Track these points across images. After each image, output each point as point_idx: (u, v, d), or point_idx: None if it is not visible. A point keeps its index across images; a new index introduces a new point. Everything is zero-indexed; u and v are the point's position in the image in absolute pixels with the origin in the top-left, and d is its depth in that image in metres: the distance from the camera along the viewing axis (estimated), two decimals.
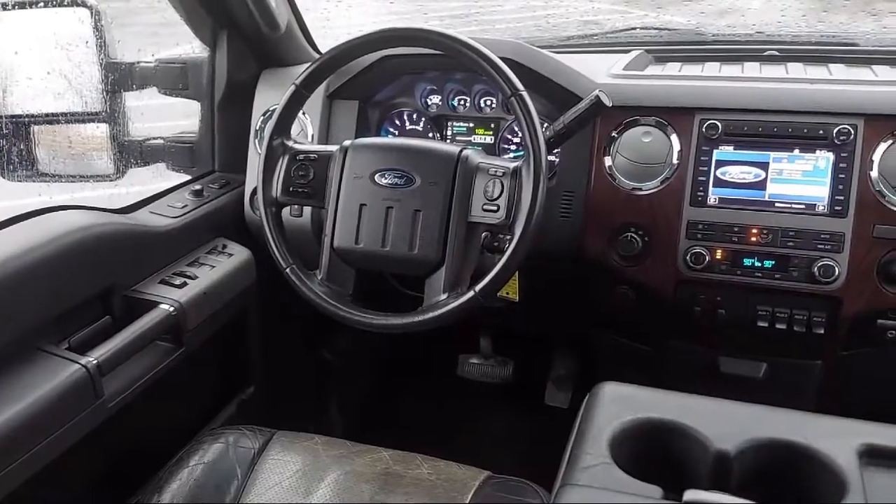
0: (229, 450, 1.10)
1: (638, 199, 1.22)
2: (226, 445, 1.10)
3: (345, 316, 1.09)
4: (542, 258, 1.27)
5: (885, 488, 0.73)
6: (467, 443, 1.84)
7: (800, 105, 1.15)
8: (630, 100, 1.22)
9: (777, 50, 1.40)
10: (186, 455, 1.09)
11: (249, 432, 1.13)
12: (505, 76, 1.05)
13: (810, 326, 1.16)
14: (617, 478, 0.74)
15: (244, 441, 1.11)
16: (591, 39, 1.62)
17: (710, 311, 1.22)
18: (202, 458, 1.08)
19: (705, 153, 1.18)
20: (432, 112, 1.45)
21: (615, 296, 1.29)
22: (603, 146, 1.25)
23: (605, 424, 0.82)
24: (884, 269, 1.10)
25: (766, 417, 0.82)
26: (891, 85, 1.16)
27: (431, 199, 1.07)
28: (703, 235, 1.18)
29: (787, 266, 1.14)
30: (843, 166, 1.12)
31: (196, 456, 1.08)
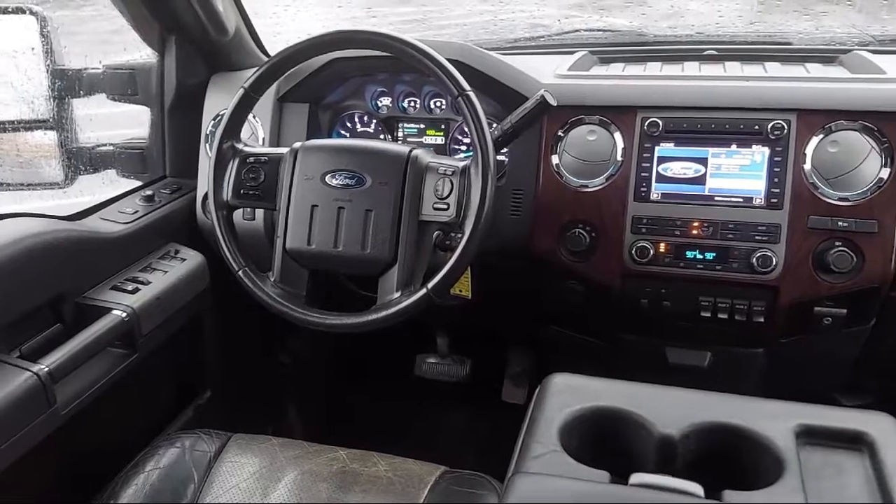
0: (185, 454, 1.09)
1: (585, 196, 1.25)
2: (182, 449, 1.10)
3: (298, 317, 1.10)
4: (494, 255, 1.29)
5: (819, 466, 0.77)
6: (426, 441, 1.86)
7: (736, 102, 1.19)
8: (575, 99, 1.25)
9: (716, 49, 1.45)
10: (142, 460, 1.08)
11: (206, 436, 1.13)
12: (452, 77, 1.07)
13: (751, 315, 1.20)
14: (566, 464, 0.77)
15: (200, 445, 1.11)
16: (538, 41, 1.65)
17: (655, 303, 1.25)
18: (158, 462, 1.07)
19: (647, 150, 1.22)
20: (383, 114, 1.47)
21: (565, 291, 1.32)
22: (550, 145, 1.28)
23: (554, 414, 0.84)
24: (818, 258, 1.15)
25: (708, 402, 0.85)
26: (822, 81, 1.21)
27: (382, 199, 1.09)
28: (647, 230, 1.22)
29: (727, 257, 1.19)
30: (777, 160, 1.16)
31: (152, 461, 1.08)
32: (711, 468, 0.78)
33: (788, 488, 0.72)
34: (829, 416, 0.83)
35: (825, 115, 1.15)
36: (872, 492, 0.74)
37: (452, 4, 2.09)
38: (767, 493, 0.72)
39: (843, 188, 1.14)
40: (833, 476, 0.76)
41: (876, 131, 1.13)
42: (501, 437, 0.89)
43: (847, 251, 1.13)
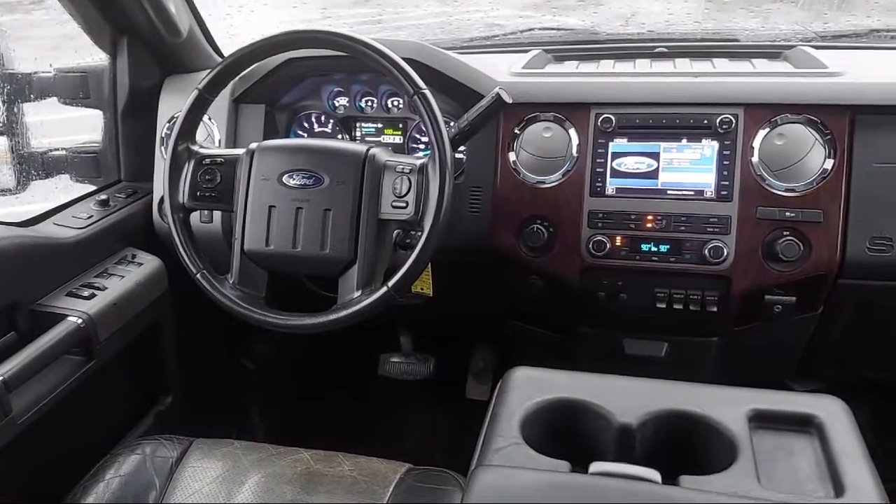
0: (146, 460, 1.08)
1: (542, 192, 1.27)
2: (143, 456, 1.09)
3: (258, 318, 1.09)
4: (455, 253, 1.30)
5: (771, 448, 0.80)
6: (391, 440, 1.86)
7: (686, 97, 1.22)
8: (530, 97, 1.27)
9: (666, 47, 1.48)
10: (102, 469, 1.07)
11: (167, 442, 1.12)
12: (407, 75, 1.07)
13: (704, 305, 1.23)
14: (528, 456, 0.78)
15: (162, 451, 1.10)
16: (493, 40, 1.67)
17: (613, 295, 1.28)
18: (118, 470, 1.06)
19: (601, 146, 1.24)
20: (340, 114, 1.47)
21: (525, 286, 1.34)
22: (507, 142, 1.29)
23: (516, 407, 0.86)
24: (767, 247, 1.18)
25: (665, 391, 0.87)
26: (768, 76, 1.25)
27: (340, 199, 1.09)
28: (603, 224, 1.24)
29: (680, 249, 1.21)
30: (726, 153, 1.19)
31: (112, 469, 1.06)
32: (669, 454, 0.81)
33: (742, 471, 0.75)
34: (780, 401, 0.86)
35: (771, 108, 1.18)
36: (822, 472, 0.76)
37: (409, 6, 2.10)
38: (722, 477, 0.74)
39: (789, 179, 1.18)
40: (785, 458, 0.79)
41: (819, 124, 1.17)
42: (466, 434, 0.90)
43: (794, 240, 1.16)
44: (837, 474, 0.74)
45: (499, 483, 0.74)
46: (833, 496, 0.72)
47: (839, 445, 0.78)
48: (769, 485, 0.74)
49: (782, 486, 0.74)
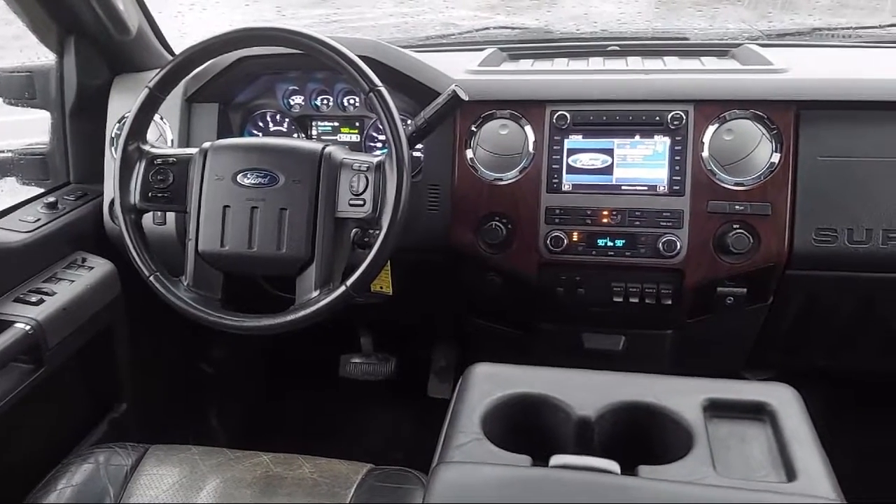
0: (100, 469, 1.05)
1: (500, 189, 1.28)
2: (96, 465, 1.06)
3: (213, 321, 1.08)
4: (414, 251, 1.30)
5: (726, 436, 0.81)
6: (353, 441, 1.86)
7: (638, 94, 1.24)
8: (486, 94, 1.28)
9: (618, 45, 1.50)
10: (53, 479, 1.04)
11: (121, 450, 1.09)
12: (363, 73, 1.07)
13: (659, 298, 1.25)
14: (488, 451, 0.78)
15: (116, 459, 1.07)
16: (449, 39, 1.68)
17: (571, 290, 1.29)
18: (70, 480, 1.03)
19: (557, 142, 1.26)
20: (295, 112, 1.45)
21: (485, 283, 1.34)
22: (464, 140, 1.30)
23: (477, 403, 0.86)
24: (718, 241, 1.21)
25: (622, 383, 0.89)
26: (716, 73, 1.28)
27: (297, 197, 1.08)
28: (560, 220, 1.25)
29: (635, 244, 1.23)
30: (678, 149, 1.22)
31: (63, 479, 1.03)
32: (627, 445, 0.82)
33: (698, 459, 0.76)
34: (733, 390, 0.88)
35: (719, 105, 1.21)
36: (774, 458, 0.78)
37: (366, 6, 2.10)
38: (679, 466, 0.76)
39: (738, 174, 1.21)
40: (739, 445, 0.81)
41: (766, 119, 1.20)
42: (429, 432, 0.90)
43: (744, 233, 1.19)
44: (789, 460, 0.76)
45: (460, 479, 0.74)
46: (785, 481, 0.74)
47: (790, 431, 0.80)
48: (724, 472, 0.75)
49: (737, 473, 0.76)
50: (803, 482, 0.73)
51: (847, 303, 1.29)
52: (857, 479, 1.19)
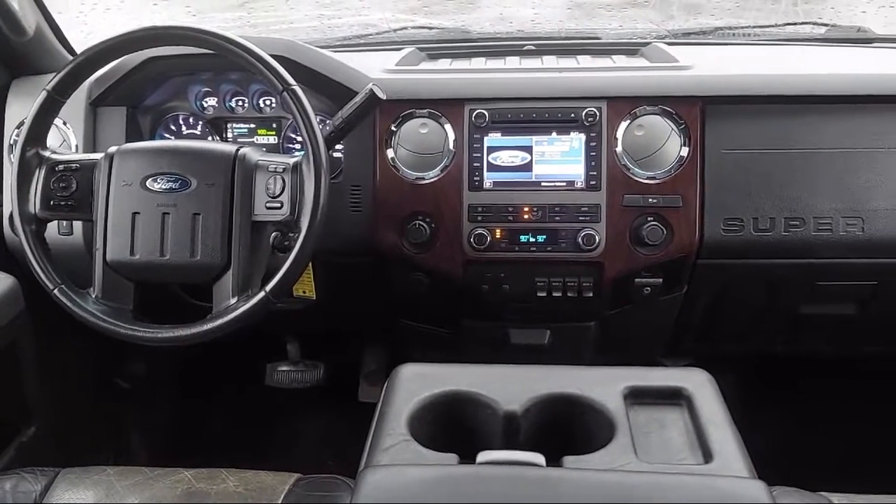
0: (6, 497, 0.99)
1: (422, 188, 1.28)
2: (2, 493, 0.99)
3: (125, 333, 1.03)
4: (337, 253, 1.29)
5: (646, 422, 0.84)
6: (284, 451, 1.82)
7: (553, 92, 1.26)
8: (404, 93, 1.27)
9: (534, 45, 1.52)
10: None
11: (30, 475, 1.03)
12: (276, 72, 1.05)
13: (581, 291, 1.28)
14: (416, 452, 0.78)
15: (24, 485, 1.01)
16: (367, 39, 1.66)
17: (495, 287, 1.30)
18: None
19: (477, 140, 1.26)
20: (209, 115, 1.41)
21: (410, 283, 1.34)
22: (384, 139, 1.29)
23: (403, 404, 0.86)
24: (634, 233, 1.24)
25: (546, 376, 0.90)
26: (626, 71, 1.32)
27: (210, 202, 1.04)
28: (482, 217, 1.26)
29: (556, 239, 1.25)
30: (593, 145, 1.24)
31: None
32: (553, 437, 0.83)
33: (620, 446, 0.78)
34: (651, 377, 0.90)
35: (630, 101, 1.24)
36: (692, 440, 0.81)
37: (284, 9, 2.07)
38: (602, 454, 0.77)
39: (650, 168, 1.24)
40: (658, 430, 0.83)
41: (674, 114, 1.24)
42: (360, 438, 0.89)
43: (658, 225, 1.23)
44: (705, 442, 0.79)
45: (386, 482, 0.74)
46: (702, 462, 0.77)
47: (706, 415, 0.83)
48: (645, 457, 0.77)
49: (657, 457, 0.78)
50: (719, 462, 0.76)
51: (754, 289, 1.35)
52: (770, 456, 1.25)
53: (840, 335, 1.46)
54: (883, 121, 1.23)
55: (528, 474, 0.74)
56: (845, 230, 1.22)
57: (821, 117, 1.24)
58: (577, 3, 1.88)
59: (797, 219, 1.23)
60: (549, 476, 0.74)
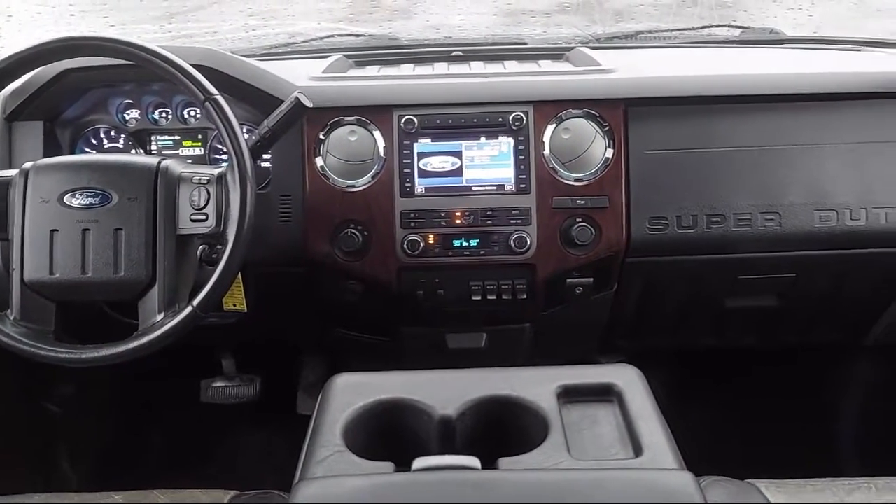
0: None
1: (353, 196, 1.27)
2: None
3: (48, 356, 1.00)
4: (268, 264, 1.27)
5: (579, 420, 0.85)
6: (222, 468, 1.78)
7: (481, 97, 1.28)
8: (331, 101, 1.27)
9: (462, 51, 1.54)
10: None
11: None
12: (196, 82, 1.03)
13: (515, 293, 1.29)
14: (351, 462, 0.77)
15: None
16: (293, 47, 1.65)
17: (431, 293, 1.30)
18: None
19: (407, 147, 1.27)
20: (132, 127, 1.37)
21: (345, 293, 1.33)
22: (312, 148, 1.28)
23: (337, 415, 0.85)
24: (564, 234, 1.27)
25: (481, 379, 0.90)
26: (551, 75, 1.34)
27: (133, 216, 1.02)
28: (415, 223, 1.26)
29: (489, 242, 1.27)
30: (521, 148, 1.26)
31: None
32: (489, 440, 0.83)
33: (554, 445, 0.79)
34: (583, 375, 0.91)
35: (556, 105, 1.27)
36: (623, 435, 0.83)
37: (216, 21, 2.03)
38: (537, 454, 0.78)
39: (577, 170, 1.27)
40: (590, 427, 0.84)
41: (598, 117, 1.27)
42: (299, 451, 0.88)
43: (587, 226, 1.25)
44: (636, 436, 0.80)
45: (320, 494, 0.73)
46: (633, 456, 0.79)
47: (635, 409, 0.84)
48: (578, 454, 0.78)
49: (589, 454, 0.79)
50: (649, 456, 0.77)
51: (680, 285, 1.39)
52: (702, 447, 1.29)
53: (763, 326, 1.51)
54: (796, 118, 1.29)
55: (463, 478, 0.74)
56: (763, 225, 1.27)
57: (737, 116, 1.29)
58: (505, 11, 1.91)
59: (718, 215, 1.27)
60: (483, 479, 0.74)
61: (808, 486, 0.95)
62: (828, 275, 1.36)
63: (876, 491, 0.92)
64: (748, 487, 0.94)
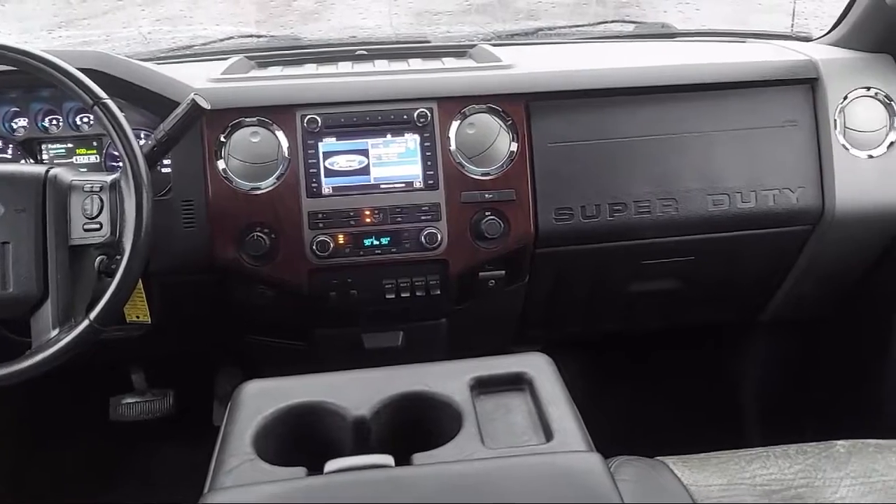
0: None
1: (258, 199, 1.25)
2: None
3: None
4: (173, 273, 1.23)
5: (492, 410, 0.86)
6: (138, 487, 1.71)
7: (385, 94, 1.27)
8: (231, 102, 1.24)
9: (366, 50, 1.53)
10: None
11: None
12: (84, 86, 0.99)
13: (429, 290, 1.30)
14: (262, 470, 0.76)
15: None
16: (193, 50, 1.60)
17: (343, 293, 1.29)
18: None
19: (311, 146, 1.25)
20: (19, 136, 1.30)
21: (255, 298, 1.30)
22: (213, 151, 1.25)
23: (247, 423, 0.83)
24: (474, 228, 1.28)
25: (395, 376, 0.90)
26: (454, 72, 1.35)
27: (20, 228, 0.97)
28: (324, 224, 1.25)
29: (400, 240, 1.27)
30: (427, 145, 1.27)
31: None
32: (404, 437, 0.83)
33: (467, 437, 0.79)
34: (496, 365, 0.93)
35: (459, 101, 1.28)
36: (534, 422, 0.84)
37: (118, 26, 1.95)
38: (450, 447, 0.78)
39: (484, 164, 1.28)
40: (503, 416, 0.86)
41: (501, 111, 1.29)
42: None
43: (496, 219, 1.27)
44: (546, 422, 0.82)
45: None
46: (544, 441, 0.80)
47: (546, 396, 0.86)
48: (492, 443, 0.79)
49: (503, 442, 0.80)
50: (559, 439, 0.79)
51: (588, 273, 1.43)
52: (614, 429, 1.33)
53: (667, 309, 1.57)
54: (687, 107, 1.35)
55: (377, 476, 0.74)
56: (662, 211, 1.32)
57: (634, 107, 1.33)
58: (416, 12, 1.91)
59: (620, 204, 1.31)
60: (397, 475, 0.74)
61: (713, 458, 0.99)
62: (724, 256, 1.43)
63: (774, 458, 0.98)
64: (657, 464, 0.98)
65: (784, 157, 1.35)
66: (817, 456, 0.97)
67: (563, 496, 0.71)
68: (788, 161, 1.35)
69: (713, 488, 0.93)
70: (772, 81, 1.36)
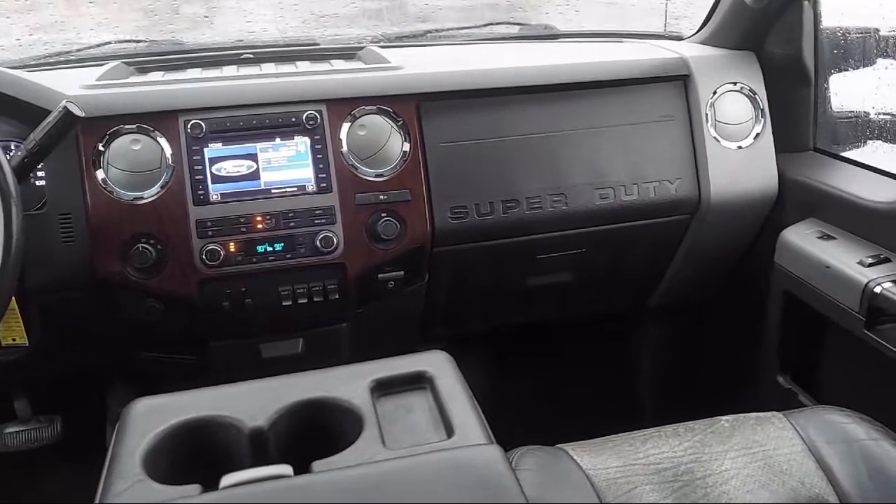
0: None
1: (142, 209, 1.20)
2: None
3: None
4: (53, 291, 1.16)
5: (392, 411, 0.86)
6: None
7: (272, 97, 1.25)
8: (108, 109, 1.18)
9: (252, 53, 1.49)
10: None
11: None
12: None
13: (327, 294, 1.28)
14: (153, 491, 0.73)
15: None
16: (66, 56, 1.52)
17: (237, 303, 1.26)
18: None
19: (196, 153, 1.21)
20: None
21: (144, 312, 1.24)
22: (91, 160, 1.19)
23: (136, 443, 0.79)
24: (370, 230, 1.27)
25: (293, 384, 0.89)
26: (343, 73, 1.34)
27: None
28: (213, 232, 1.21)
29: (294, 245, 1.24)
30: (318, 147, 1.25)
31: None
32: (304, 445, 0.82)
33: (368, 440, 0.79)
34: (396, 366, 0.93)
35: (349, 102, 1.27)
36: (435, 419, 0.85)
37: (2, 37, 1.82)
38: (350, 451, 0.78)
39: (377, 165, 1.28)
40: (405, 416, 0.86)
41: (391, 112, 1.29)
42: None
43: (392, 220, 1.27)
44: (447, 418, 0.83)
45: None
46: (445, 438, 0.81)
47: (446, 393, 0.87)
48: (393, 444, 0.79)
49: (404, 442, 0.80)
50: (459, 435, 0.80)
51: (486, 269, 1.46)
52: (518, 421, 1.36)
53: (562, 301, 1.62)
54: (571, 105, 1.39)
55: (275, 487, 0.72)
56: (552, 206, 1.36)
57: (521, 106, 1.37)
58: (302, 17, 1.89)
59: (512, 200, 1.34)
60: (294, 485, 0.73)
61: (609, 442, 1.03)
62: (612, 247, 1.49)
63: (665, 437, 1.03)
64: (557, 452, 1.00)
65: (662, 151, 1.42)
66: (704, 432, 1.03)
67: (464, 489, 0.72)
68: (666, 154, 1.42)
69: (610, 470, 0.97)
70: (648, 79, 1.43)
